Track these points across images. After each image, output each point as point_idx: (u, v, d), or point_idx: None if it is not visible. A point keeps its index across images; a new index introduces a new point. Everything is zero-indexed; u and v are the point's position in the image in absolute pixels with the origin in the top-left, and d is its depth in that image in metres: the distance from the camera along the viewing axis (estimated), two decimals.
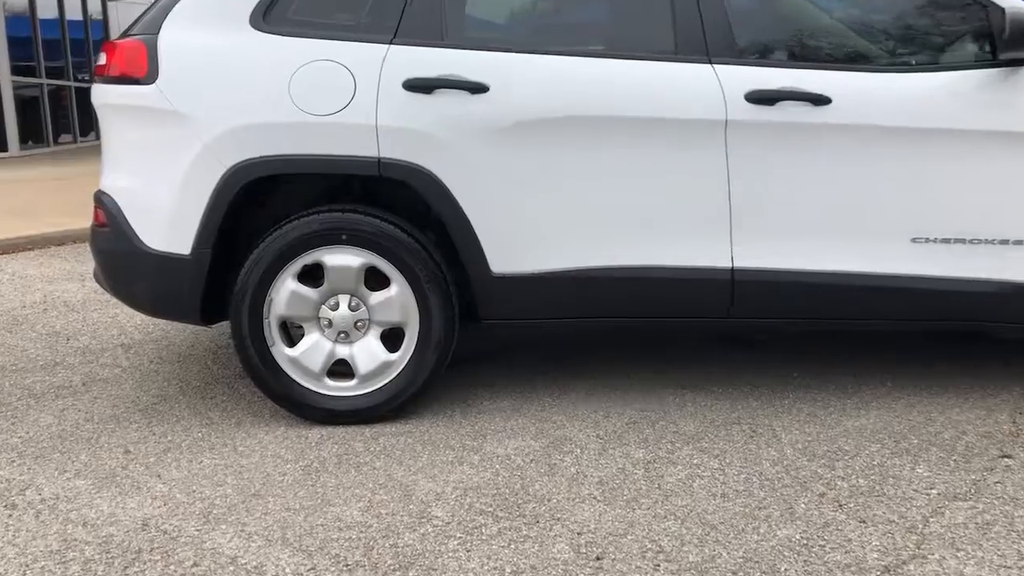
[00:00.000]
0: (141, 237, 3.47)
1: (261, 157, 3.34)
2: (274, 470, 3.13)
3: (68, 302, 5.63)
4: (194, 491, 2.98)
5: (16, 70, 18.98)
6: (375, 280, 3.47)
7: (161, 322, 4.87)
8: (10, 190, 11.54)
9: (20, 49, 19.43)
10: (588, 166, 3.37)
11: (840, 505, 2.79)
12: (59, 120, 21.14)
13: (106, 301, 5.48)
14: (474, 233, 3.40)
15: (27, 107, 19.53)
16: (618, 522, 2.72)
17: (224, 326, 3.74)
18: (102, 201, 3.56)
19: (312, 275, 3.47)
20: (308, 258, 3.41)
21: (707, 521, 2.71)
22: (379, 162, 3.34)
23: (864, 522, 2.69)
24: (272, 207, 3.63)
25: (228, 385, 4.01)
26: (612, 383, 3.92)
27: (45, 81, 20.24)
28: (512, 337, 4.49)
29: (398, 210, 3.51)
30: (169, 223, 3.43)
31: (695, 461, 3.14)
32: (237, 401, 3.81)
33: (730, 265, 3.43)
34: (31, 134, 19.54)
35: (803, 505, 2.80)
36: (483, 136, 3.34)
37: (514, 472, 3.08)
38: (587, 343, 4.47)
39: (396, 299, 3.44)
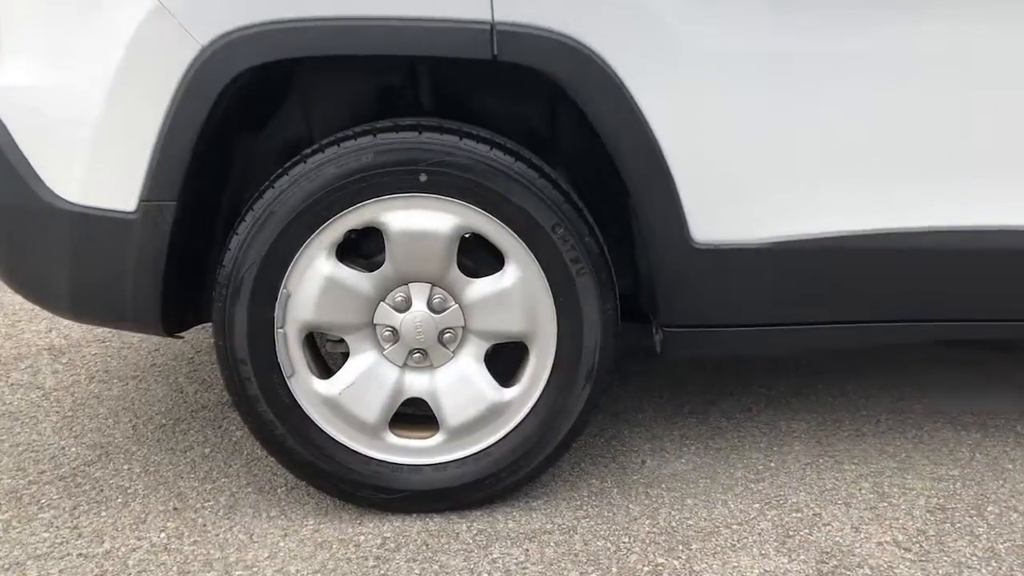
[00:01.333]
0: (46, 180, 1.88)
1: (265, 25, 1.73)
2: None
3: None
4: None
5: None
6: (475, 257, 1.90)
7: None
8: None
9: None
10: (882, 47, 1.79)
11: None
12: None
13: None
14: (667, 171, 1.80)
15: None
16: None
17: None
18: None
19: (361, 249, 1.90)
20: (355, 217, 1.83)
21: None
22: (492, 32, 1.73)
23: None
24: (286, 124, 2.05)
25: (213, 425, 2.43)
26: (847, 418, 2.37)
27: None
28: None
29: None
30: (96, 154, 1.83)
31: None
32: (229, 460, 2.24)
33: None
34: None
35: None
36: None
37: None
38: None
39: (516, 290, 1.87)
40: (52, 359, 2.94)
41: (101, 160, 1.83)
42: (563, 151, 2.07)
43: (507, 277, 1.87)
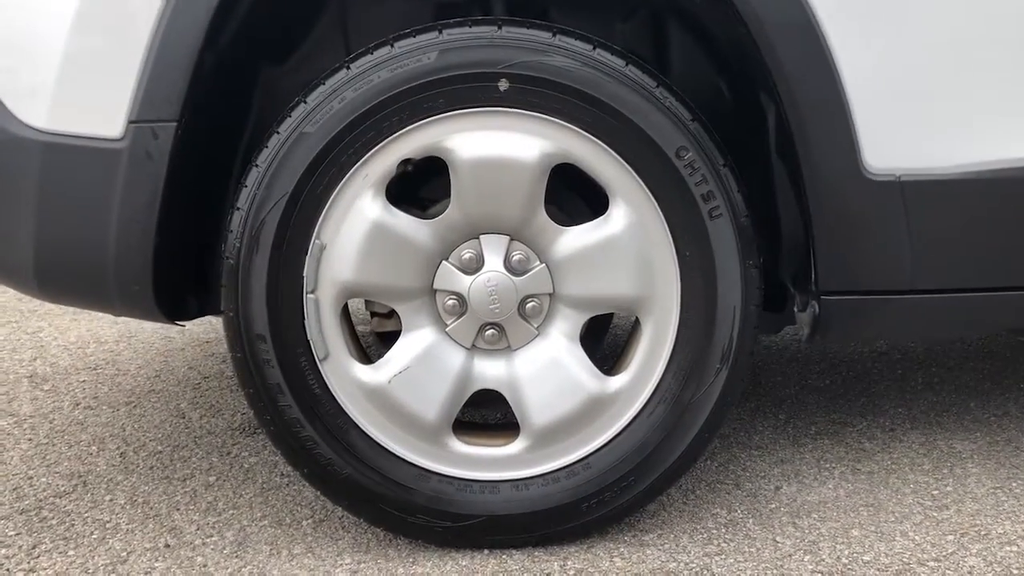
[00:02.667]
0: (3, 100, 1.43)
1: None
2: None
3: None
4: None
5: None
6: (564, 201, 1.43)
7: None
8: None
9: None
10: None
11: None
12: None
13: None
14: (835, 73, 1.34)
15: None
16: None
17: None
18: None
19: (418, 191, 1.43)
20: (411, 142, 1.36)
21: None
22: None
23: None
24: (320, 52, 1.60)
25: (220, 451, 1.93)
26: (1022, 439, 1.86)
27: None
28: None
29: None
30: (69, 60, 1.39)
31: None
32: (239, 489, 1.74)
33: None
34: None
35: None
36: None
37: None
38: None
39: (624, 240, 1.40)
40: (32, 386, 2.46)
41: (75, 69, 1.39)
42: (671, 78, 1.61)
43: (613, 222, 1.40)
